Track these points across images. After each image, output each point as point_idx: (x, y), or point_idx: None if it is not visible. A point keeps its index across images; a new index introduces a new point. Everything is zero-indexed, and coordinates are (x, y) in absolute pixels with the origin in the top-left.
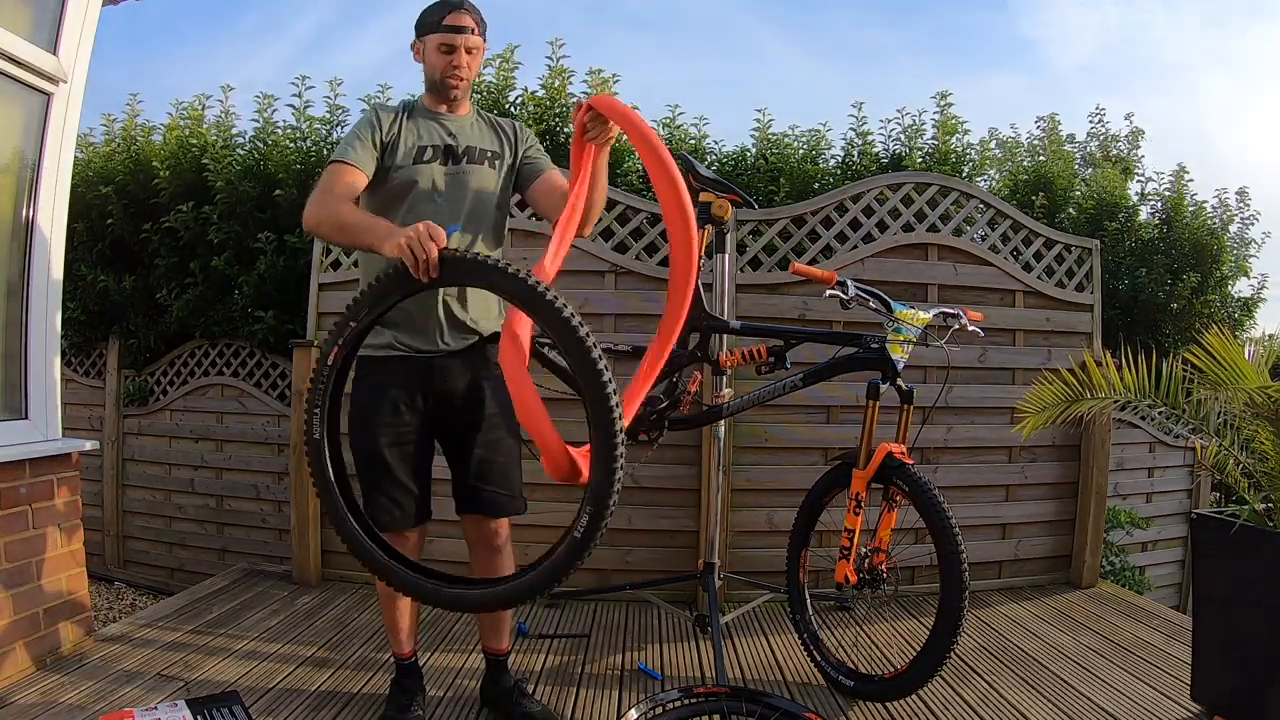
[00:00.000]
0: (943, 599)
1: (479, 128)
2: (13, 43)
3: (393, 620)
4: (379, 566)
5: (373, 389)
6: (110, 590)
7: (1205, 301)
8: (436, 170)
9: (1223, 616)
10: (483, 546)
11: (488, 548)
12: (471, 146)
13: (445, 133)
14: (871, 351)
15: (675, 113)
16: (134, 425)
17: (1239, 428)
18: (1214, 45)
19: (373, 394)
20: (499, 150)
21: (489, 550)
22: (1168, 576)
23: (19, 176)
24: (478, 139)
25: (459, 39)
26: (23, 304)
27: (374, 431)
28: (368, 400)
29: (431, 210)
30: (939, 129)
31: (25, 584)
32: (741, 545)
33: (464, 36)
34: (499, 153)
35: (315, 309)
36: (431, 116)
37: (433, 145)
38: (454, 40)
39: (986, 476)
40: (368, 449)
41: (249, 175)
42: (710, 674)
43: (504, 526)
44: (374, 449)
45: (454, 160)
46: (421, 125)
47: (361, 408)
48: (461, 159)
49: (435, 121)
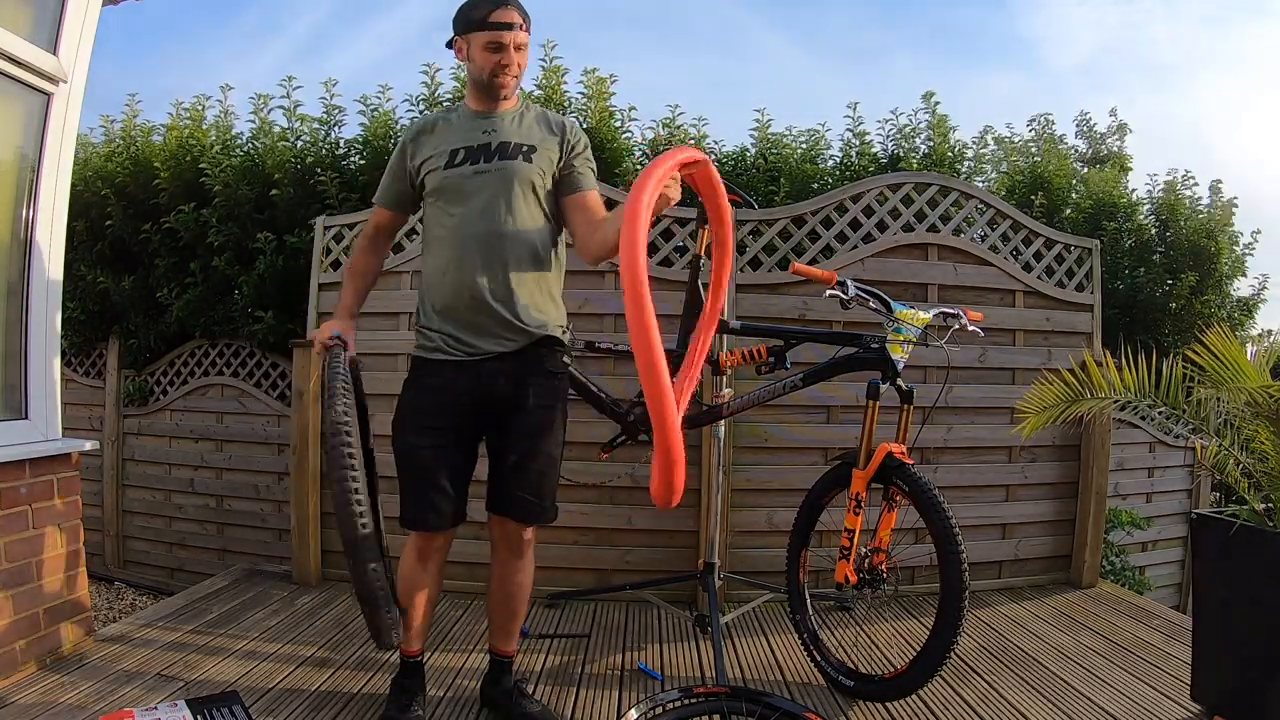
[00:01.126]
0: (943, 599)
1: (522, 120)
2: (13, 43)
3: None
4: None
5: (421, 390)
6: (110, 590)
7: (1204, 301)
8: (465, 173)
9: (1223, 616)
10: (506, 548)
11: (511, 550)
12: (506, 142)
13: (482, 130)
14: (871, 351)
15: (675, 113)
16: (134, 425)
17: (1239, 428)
18: (1213, 44)
19: (420, 395)
20: (541, 145)
21: (511, 553)
22: (1168, 576)
23: (19, 176)
24: (516, 133)
25: (507, 36)
26: (23, 304)
27: (418, 433)
28: (415, 401)
29: (460, 217)
30: (934, 129)
31: (25, 584)
32: (741, 545)
33: (512, 33)
34: (537, 147)
35: (315, 309)
36: (472, 115)
37: (466, 146)
38: (502, 38)
39: (986, 477)
40: (410, 449)
41: (246, 177)
42: (710, 674)
43: (529, 532)
44: (416, 450)
45: (485, 159)
46: (460, 128)
47: (407, 408)
48: (494, 156)
49: (476, 120)
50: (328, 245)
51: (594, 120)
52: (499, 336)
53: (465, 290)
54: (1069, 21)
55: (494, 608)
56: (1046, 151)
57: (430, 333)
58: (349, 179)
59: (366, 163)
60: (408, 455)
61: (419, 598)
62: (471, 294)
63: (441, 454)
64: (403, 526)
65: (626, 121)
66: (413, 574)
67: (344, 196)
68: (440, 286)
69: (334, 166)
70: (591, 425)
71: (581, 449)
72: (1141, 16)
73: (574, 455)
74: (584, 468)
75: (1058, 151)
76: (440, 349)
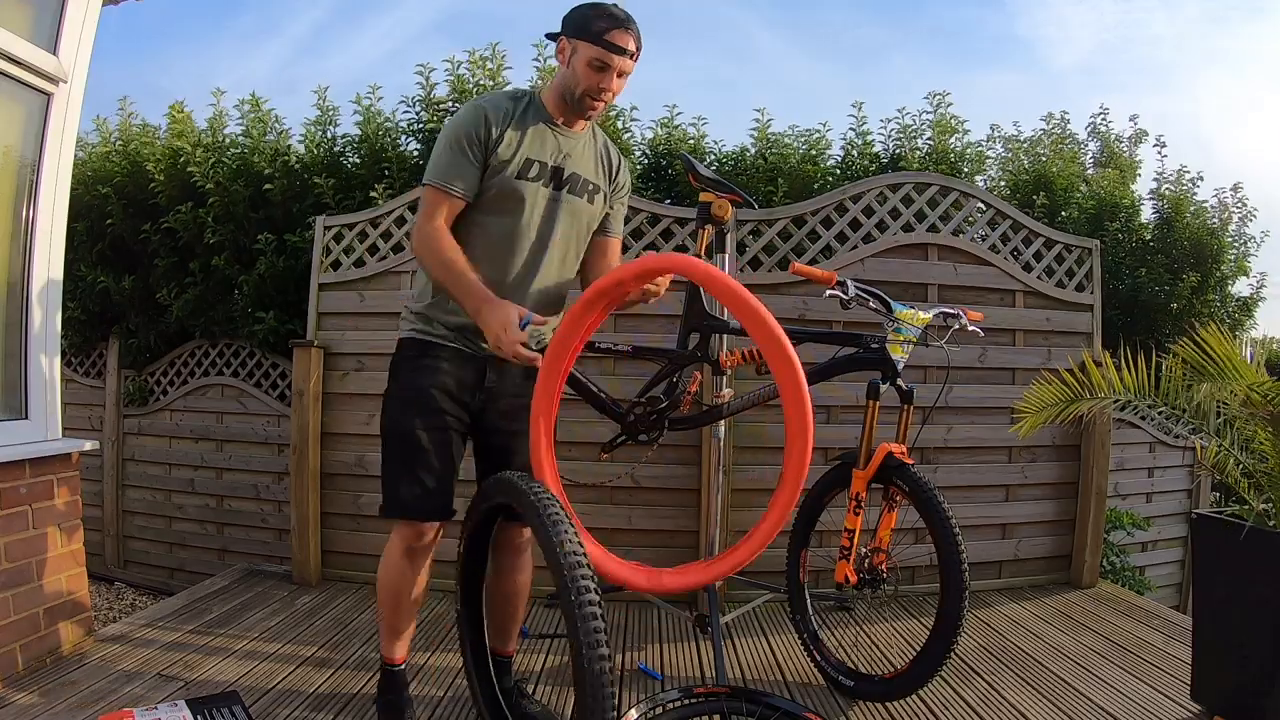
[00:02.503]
0: (943, 599)
1: (590, 152)
2: (13, 43)
3: (395, 624)
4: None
5: (425, 372)
6: (110, 590)
7: (1205, 301)
8: (541, 193)
9: (1223, 616)
10: (508, 549)
11: (512, 550)
12: (577, 174)
13: (557, 150)
14: (871, 352)
15: (673, 113)
16: (134, 425)
17: (1239, 428)
18: (1212, 43)
19: (424, 377)
20: (601, 186)
21: (513, 552)
22: (1168, 576)
23: (19, 176)
24: (585, 167)
25: (616, 61)
26: (23, 304)
27: (419, 415)
28: (418, 382)
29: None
30: (936, 129)
31: (25, 584)
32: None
33: (622, 60)
34: (600, 188)
35: (315, 309)
36: (549, 125)
37: (540, 161)
38: (611, 60)
39: (986, 476)
40: (407, 431)
41: (238, 176)
42: (710, 674)
43: (528, 530)
44: (414, 432)
45: (557, 186)
46: (534, 132)
47: (410, 389)
48: (564, 186)
49: (551, 132)
50: (328, 245)
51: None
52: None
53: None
54: (1067, 21)
55: (493, 609)
56: (1053, 152)
57: (434, 320)
58: (345, 178)
59: (363, 161)
60: (402, 436)
61: (407, 601)
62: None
63: (438, 438)
64: (396, 517)
65: (628, 121)
66: (401, 574)
67: (340, 197)
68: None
69: (330, 166)
70: (591, 425)
71: (581, 449)
72: (1141, 15)
73: (574, 455)
74: (584, 468)
75: (1063, 152)
76: (447, 338)
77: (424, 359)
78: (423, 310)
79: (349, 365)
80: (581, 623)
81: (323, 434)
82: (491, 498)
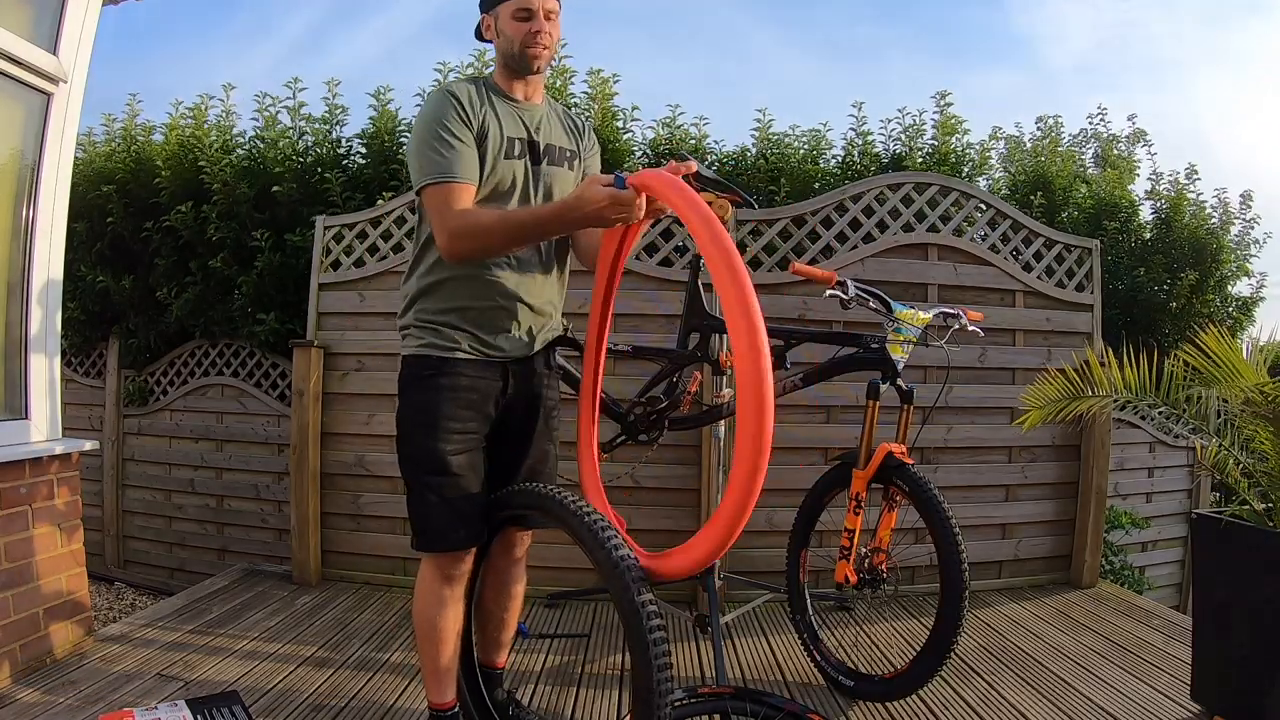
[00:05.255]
0: (943, 599)
1: (553, 121)
2: (13, 43)
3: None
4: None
5: (442, 390)
6: (110, 590)
7: (1204, 301)
8: (526, 170)
9: (1223, 616)
10: (504, 556)
11: (509, 557)
12: (551, 145)
13: (527, 125)
14: (871, 351)
15: (675, 112)
16: (134, 425)
17: (1239, 428)
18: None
19: (443, 396)
20: (575, 149)
21: (509, 560)
22: (1168, 576)
23: (19, 176)
24: (556, 135)
25: (536, 1)
26: (23, 304)
27: (444, 438)
28: (437, 403)
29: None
30: (938, 129)
31: (25, 584)
32: (741, 545)
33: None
34: (576, 151)
35: (315, 309)
36: (509, 102)
37: (518, 138)
38: (531, 3)
39: (986, 476)
40: (435, 458)
41: (245, 175)
42: (710, 674)
43: (528, 538)
44: (442, 458)
45: (535, 160)
46: (503, 111)
47: (429, 412)
48: (543, 159)
49: (514, 109)
50: (328, 245)
51: (597, 120)
52: (522, 341)
53: (495, 291)
54: (1066, 20)
55: (485, 619)
56: (1050, 152)
57: (443, 329)
58: (352, 177)
59: (370, 160)
60: (437, 464)
61: (451, 632)
62: (503, 294)
63: (473, 460)
64: (437, 551)
65: (629, 121)
66: (441, 603)
67: (348, 195)
68: (462, 283)
69: (337, 165)
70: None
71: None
72: (1140, 14)
73: (574, 455)
74: None
75: (1062, 152)
76: (461, 348)
77: (441, 377)
78: (428, 321)
79: (349, 365)
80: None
81: (323, 434)
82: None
